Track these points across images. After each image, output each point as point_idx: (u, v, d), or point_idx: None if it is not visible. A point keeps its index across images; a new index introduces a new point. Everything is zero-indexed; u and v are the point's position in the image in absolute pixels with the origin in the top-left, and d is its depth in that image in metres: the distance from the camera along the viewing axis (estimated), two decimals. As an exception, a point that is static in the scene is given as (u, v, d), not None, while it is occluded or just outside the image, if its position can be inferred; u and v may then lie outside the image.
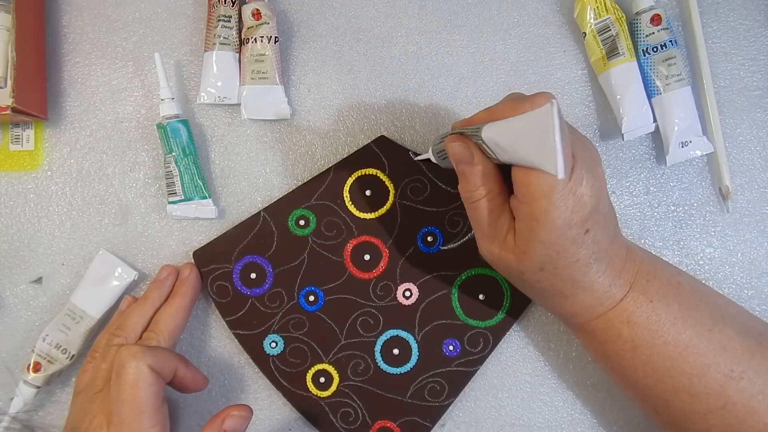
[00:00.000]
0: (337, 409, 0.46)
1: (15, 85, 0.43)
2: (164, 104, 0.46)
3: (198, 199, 0.46)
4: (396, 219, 0.47)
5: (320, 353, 0.46)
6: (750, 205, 0.49)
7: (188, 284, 0.45)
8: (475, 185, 0.36)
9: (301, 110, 0.49)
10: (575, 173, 0.33)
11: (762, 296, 0.48)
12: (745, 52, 0.50)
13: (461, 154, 0.36)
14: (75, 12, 0.49)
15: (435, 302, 0.46)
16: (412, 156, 0.46)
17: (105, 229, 0.48)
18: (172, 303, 0.44)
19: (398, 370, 0.46)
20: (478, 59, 0.50)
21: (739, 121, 0.49)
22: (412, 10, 0.50)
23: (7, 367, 0.47)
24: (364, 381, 0.46)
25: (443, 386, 0.46)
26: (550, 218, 0.32)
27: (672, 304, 0.37)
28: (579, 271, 0.35)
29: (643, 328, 0.37)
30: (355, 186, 0.47)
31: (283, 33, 0.49)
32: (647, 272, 0.38)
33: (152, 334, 0.43)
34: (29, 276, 0.48)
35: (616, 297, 0.37)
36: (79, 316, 0.45)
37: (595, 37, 0.47)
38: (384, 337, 0.46)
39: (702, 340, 0.37)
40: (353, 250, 0.47)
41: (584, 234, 0.34)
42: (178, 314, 0.44)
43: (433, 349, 0.46)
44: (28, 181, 0.48)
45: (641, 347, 0.37)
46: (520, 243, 0.35)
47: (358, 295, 0.46)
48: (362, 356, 0.46)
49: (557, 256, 0.34)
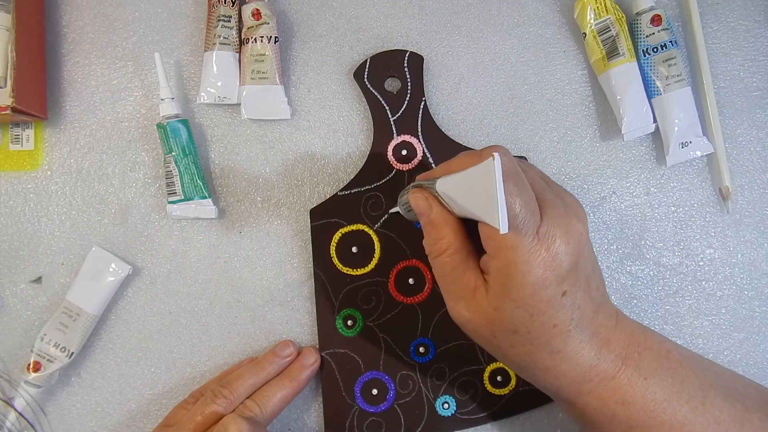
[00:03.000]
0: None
1: (15, 85, 0.43)
2: (164, 104, 0.46)
3: (198, 199, 0.46)
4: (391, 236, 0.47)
5: (476, 367, 0.46)
6: (750, 206, 0.49)
7: (308, 373, 0.45)
8: (435, 238, 0.35)
9: (301, 110, 0.49)
10: (542, 228, 0.32)
11: (762, 297, 0.48)
12: (745, 53, 0.50)
13: (420, 206, 0.36)
14: (75, 12, 0.50)
15: None
16: (390, 211, 0.46)
17: (105, 228, 0.48)
18: (286, 385, 0.44)
19: None
20: (478, 59, 0.50)
21: (739, 122, 0.49)
22: (412, 10, 0.50)
23: (2, 361, 0.47)
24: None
25: None
26: (519, 272, 0.32)
27: (666, 378, 0.35)
28: (557, 339, 0.33)
29: (639, 409, 0.35)
30: (340, 250, 0.47)
31: (283, 33, 0.49)
32: (638, 343, 0.36)
33: (256, 407, 0.42)
34: (29, 275, 0.48)
35: (606, 372, 0.35)
36: (75, 313, 0.45)
37: (595, 37, 0.47)
38: None
39: (696, 415, 0.35)
40: (396, 283, 0.46)
41: (561, 296, 0.32)
42: (288, 399, 0.44)
43: None
44: (28, 180, 0.48)
45: (636, 428, 0.35)
46: (491, 300, 0.33)
47: (440, 308, 0.46)
48: None
49: (531, 318, 0.33)
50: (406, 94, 0.48)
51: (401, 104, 0.47)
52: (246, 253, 0.48)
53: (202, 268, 0.48)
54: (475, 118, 0.49)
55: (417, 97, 0.48)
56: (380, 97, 0.47)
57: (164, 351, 0.47)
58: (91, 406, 0.47)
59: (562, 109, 0.49)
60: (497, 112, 0.49)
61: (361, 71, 0.48)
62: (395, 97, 0.48)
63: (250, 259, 0.48)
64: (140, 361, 0.47)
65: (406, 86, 0.48)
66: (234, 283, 0.48)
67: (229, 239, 0.48)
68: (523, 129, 0.49)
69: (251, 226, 0.48)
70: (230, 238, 0.48)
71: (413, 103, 0.47)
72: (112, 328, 0.48)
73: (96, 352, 0.47)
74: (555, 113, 0.49)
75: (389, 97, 0.48)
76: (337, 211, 0.47)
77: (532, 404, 0.46)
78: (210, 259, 0.48)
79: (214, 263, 0.48)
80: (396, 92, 0.48)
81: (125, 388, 0.47)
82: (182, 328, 0.48)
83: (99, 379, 0.47)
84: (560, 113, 0.49)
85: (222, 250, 0.48)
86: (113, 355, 0.47)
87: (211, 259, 0.48)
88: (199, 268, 0.48)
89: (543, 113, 0.49)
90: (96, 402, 0.47)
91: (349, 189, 0.47)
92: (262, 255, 0.48)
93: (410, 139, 0.47)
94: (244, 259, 0.48)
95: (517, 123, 0.49)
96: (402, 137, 0.47)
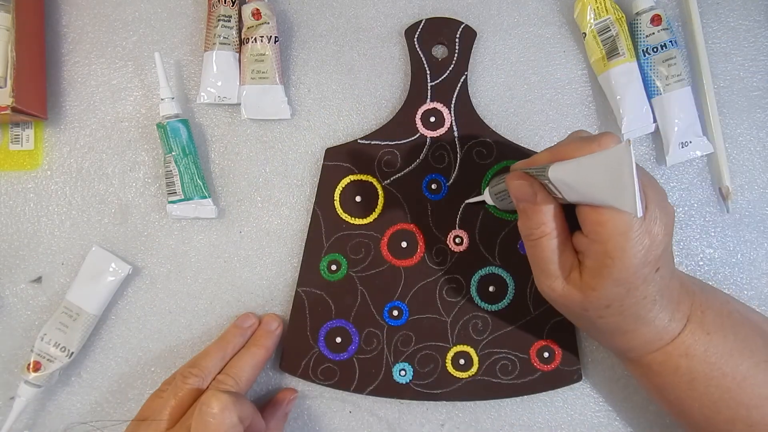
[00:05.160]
0: (493, 370, 0.46)
1: (15, 84, 0.43)
2: (164, 104, 0.46)
3: (198, 199, 0.46)
4: (394, 202, 0.47)
5: (443, 344, 0.46)
6: (750, 206, 0.49)
7: (273, 338, 0.45)
8: (537, 223, 0.36)
9: (301, 110, 0.49)
10: (649, 212, 0.33)
11: (762, 297, 0.48)
12: (745, 53, 0.50)
13: (524, 193, 0.36)
14: (75, 12, 0.50)
15: (483, 239, 0.47)
16: (467, 201, 0.47)
17: (105, 228, 0.48)
18: (255, 353, 0.44)
19: (504, 302, 0.46)
20: (478, 59, 0.50)
21: (739, 122, 0.49)
22: (412, 10, 0.50)
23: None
24: (490, 333, 0.46)
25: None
26: (626, 256, 0.33)
27: (728, 335, 0.37)
28: (644, 308, 0.35)
29: (701, 361, 0.37)
30: (344, 195, 0.47)
31: (283, 33, 0.49)
32: (701, 303, 0.38)
33: (229, 379, 0.42)
34: (29, 275, 0.48)
35: (674, 331, 0.37)
36: (75, 313, 0.45)
37: (595, 37, 0.47)
38: (474, 285, 0.46)
39: (759, 371, 0.37)
40: (389, 243, 0.47)
41: (655, 272, 0.34)
42: (259, 366, 0.44)
43: (516, 255, 0.46)
44: (28, 180, 0.48)
45: (699, 379, 0.37)
46: (589, 280, 0.35)
47: (424, 277, 0.46)
48: (475, 315, 0.46)
49: (626, 293, 0.34)
50: (451, 63, 0.48)
51: (443, 72, 0.48)
52: (246, 253, 0.48)
53: (202, 268, 0.48)
54: (475, 118, 0.49)
55: (460, 69, 0.48)
56: (425, 60, 0.48)
57: (164, 351, 0.47)
58: (91, 406, 0.47)
59: (562, 109, 0.49)
60: (497, 112, 0.49)
61: (413, 30, 0.48)
62: (439, 63, 0.48)
63: (250, 259, 0.48)
64: (140, 361, 0.47)
65: (452, 56, 0.48)
66: (234, 283, 0.48)
67: (229, 239, 0.48)
68: (523, 129, 0.49)
69: (251, 226, 0.48)
70: (230, 238, 0.48)
71: (455, 75, 0.48)
72: (112, 328, 0.48)
73: (96, 352, 0.47)
74: (555, 113, 0.49)
75: (434, 63, 0.48)
76: (352, 158, 0.47)
77: (487, 395, 0.46)
78: (210, 259, 0.48)
79: (214, 263, 0.48)
80: (441, 59, 0.48)
81: (125, 388, 0.47)
82: (182, 328, 0.48)
83: (99, 379, 0.47)
84: (560, 113, 0.49)
85: (222, 250, 0.48)
86: (113, 355, 0.47)
87: (211, 259, 0.48)
88: (199, 268, 0.48)
89: (543, 113, 0.49)
90: (96, 402, 0.47)
91: (370, 140, 0.47)
92: (262, 255, 0.48)
93: (442, 108, 0.47)
94: (244, 259, 0.48)
95: (517, 123, 0.49)
96: (434, 104, 0.47)
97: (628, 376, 0.47)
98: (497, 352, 0.46)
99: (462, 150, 0.47)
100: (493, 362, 0.46)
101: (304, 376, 0.46)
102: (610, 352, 0.47)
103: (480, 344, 0.46)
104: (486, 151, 0.47)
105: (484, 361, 0.46)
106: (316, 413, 0.47)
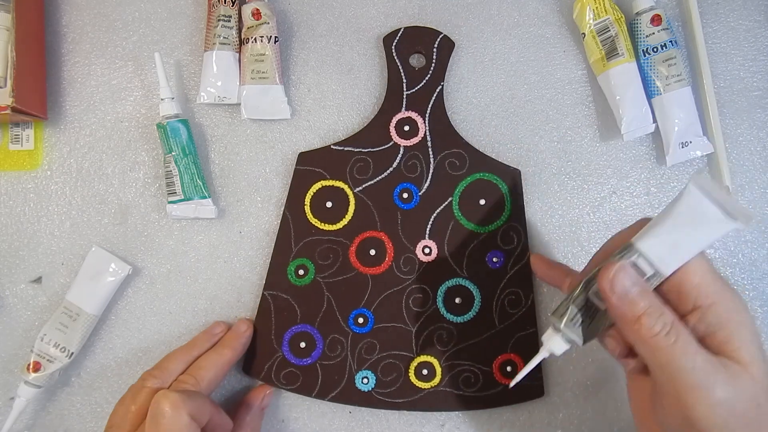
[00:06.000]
0: (456, 382, 0.46)
1: (15, 84, 0.43)
2: (164, 104, 0.46)
3: (198, 199, 0.46)
4: (364, 210, 0.47)
5: (407, 354, 0.46)
6: (750, 206, 0.49)
7: (242, 340, 0.45)
8: (657, 316, 0.31)
9: (301, 110, 0.49)
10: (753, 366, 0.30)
11: (763, 297, 0.48)
12: (745, 53, 0.50)
13: (627, 287, 0.31)
14: (75, 12, 0.50)
15: (451, 250, 0.46)
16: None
17: (104, 228, 0.48)
18: (221, 353, 0.44)
19: (470, 314, 0.46)
20: (478, 59, 0.50)
21: (739, 122, 0.49)
22: (412, 10, 0.50)
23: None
24: (454, 345, 0.46)
25: (518, 295, 0.46)
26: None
27: None
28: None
29: None
30: (315, 201, 0.47)
31: (283, 33, 0.49)
32: None
33: (190, 378, 0.42)
34: (29, 275, 0.48)
35: None
36: (75, 313, 0.45)
37: (594, 37, 0.47)
38: (441, 296, 0.46)
39: None
40: (358, 250, 0.47)
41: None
42: (224, 367, 0.43)
43: (484, 267, 0.46)
44: (28, 180, 0.48)
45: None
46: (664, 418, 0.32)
47: (391, 286, 0.46)
48: (440, 326, 0.46)
49: None
50: (427, 73, 0.48)
51: (419, 82, 0.48)
52: (246, 253, 0.48)
53: (202, 268, 0.48)
54: (475, 117, 0.49)
55: (437, 79, 0.48)
56: (402, 69, 0.48)
57: (164, 351, 0.47)
58: (91, 406, 0.47)
59: (562, 109, 0.49)
60: (497, 112, 0.49)
61: (391, 38, 0.48)
62: (416, 73, 0.48)
63: (250, 259, 0.48)
64: (140, 361, 0.47)
65: (429, 66, 0.48)
66: (234, 283, 0.48)
67: (229, 239, 0.48)
68: (523, 129, 0.49)
69: (251, 226, 0.48)
70: (230, 238, 0.48)
71: (431, 84, 0.48)
72: (112, 328, 0.48)
73: (96, 352, 0.47)
74: (555, 113, 0.49)
75: (410, 71, 0.48)
76: (324, 163, 0.47)
77: (449, 407, 0.46)
78: (210, 259, 0.48)
79: (214, 263, 0.48)
80: (418, 69, 0.48)
81: (125, 388, 0.47)
82: (182, 328, 0.48)
83: (99, 379, 0.47)
84: (560, 113, 0.49)
85: (222, 250, 0.48)
86: (113, 355, 0.47)
87: (211, 259, 0.48)
88: (199, 268, 0.48)
89: (543, 113, 0.49)
90: (96, 402, 0.47)
91: (343, 146, 0.47)
92: (262, 255, 0.48)
93: (416, 117, 0.47)
94: (244, 259, 0.48)
95: (517, 123, 0.49)
96: (409, 113, 0.47)
97: (590, 391, 0.47)
98: (461, 363, 0.46)
99: (435, 160, 0.47)
100: (456, 374, 0.46)
101: (267, 380, 0.46)
102: (575, 367, 0.47)
103: (444, 355, 0.46)
104: (459, 163, 0.47)
105: (447, 373, 0.46)
106: (316, 413, 0.47)
